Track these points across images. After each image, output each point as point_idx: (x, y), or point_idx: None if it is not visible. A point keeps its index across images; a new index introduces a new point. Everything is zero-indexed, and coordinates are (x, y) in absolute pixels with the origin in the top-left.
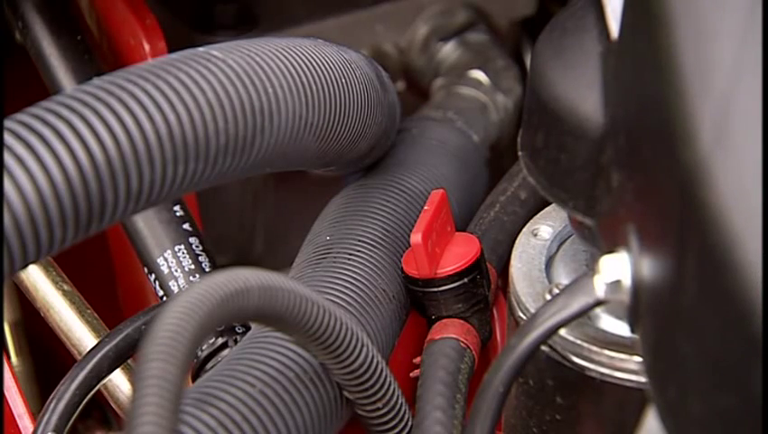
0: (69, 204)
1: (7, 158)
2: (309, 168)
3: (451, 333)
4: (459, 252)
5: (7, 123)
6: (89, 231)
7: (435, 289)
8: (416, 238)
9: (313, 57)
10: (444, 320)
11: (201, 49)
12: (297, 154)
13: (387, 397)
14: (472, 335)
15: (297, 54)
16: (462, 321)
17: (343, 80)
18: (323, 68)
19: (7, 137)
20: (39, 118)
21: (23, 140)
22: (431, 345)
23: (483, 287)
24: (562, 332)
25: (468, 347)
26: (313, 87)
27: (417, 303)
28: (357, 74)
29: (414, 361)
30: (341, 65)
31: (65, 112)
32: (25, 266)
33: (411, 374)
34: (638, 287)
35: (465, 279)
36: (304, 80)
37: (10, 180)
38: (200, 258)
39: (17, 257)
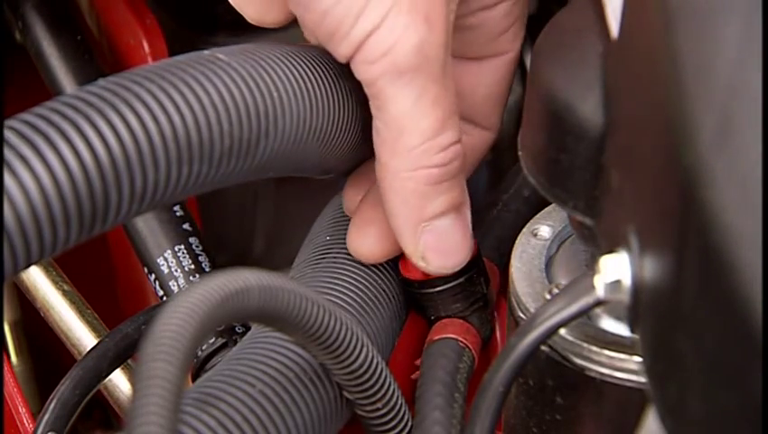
0: (73, 205)
1: (12, 158)
2: (311, 175)
3: (450, 333)
4: None
5: (12, 123)
6: (93, 232)
7: (432, 290)
8: None
9: (317, 61)
10: (443, 320)
11: (205, 52)
12: (300, 158)
13: (386, 397)
14: (471, 335)
15: (302, 59)
16: (461, 320)
17: (347, 85)
18: (326, 72)
19: (12, 137)
20: (44, 119)
21: (28, 140)
22: (430, 346)
23: (481, 286)
24: (562, 332)
25: (467, 347)
26: (317, 91)
27: (416, 304)
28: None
29: (415, 363)
30: (345, 69)
31: (70, 113)
32: (28, 266)
33: (412, 376)
34: (638, 287)
35: (461, 279)
36: (309, 84)
37: (14, 179)
38: (200, 258)
39: (20, 256)
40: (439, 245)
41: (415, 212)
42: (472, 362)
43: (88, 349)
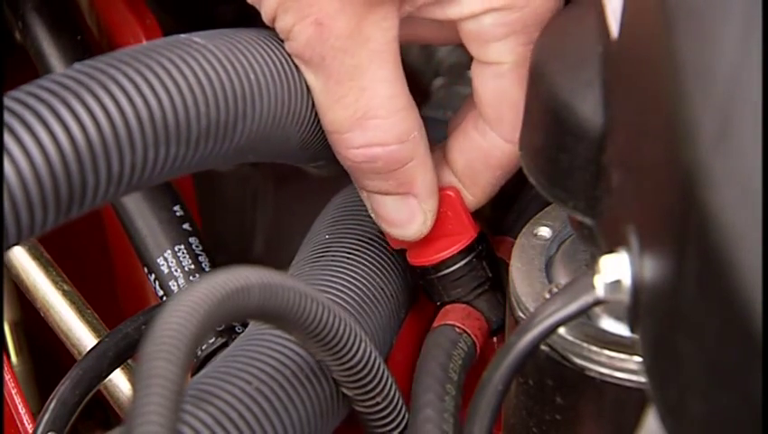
0: (50, 187)
1: None
2: (297, 161)
3: (449, 319)
4: (452, 238)
5: None
6: (70, 214)
7: (432, 276)
8: None
9: None
10: (446, 306)
11: (182, 36)
12: (280, 142)
13: (384, 393)
14: (472, 319)
15: (280, 42)
16: (464, 305)
17: None
18: None
19: None
20: (19, 102)
21: (5, 125)
22: (428, 336)
23: (484, 270)
24: (562, 332)
25: (464, 332)
26: (296, 74)
27: (424, 290)
28: None
29: None
30: None
31: (46, 95)
32: (7, 249)
33: None
34: (638, 287)
35: (460, 264)
36: (287, 66)
37: None
38: (200, 257)
39: None
40: (383, 214)
41: (354, 178)
42: (469, 347)
43: (89, 349)
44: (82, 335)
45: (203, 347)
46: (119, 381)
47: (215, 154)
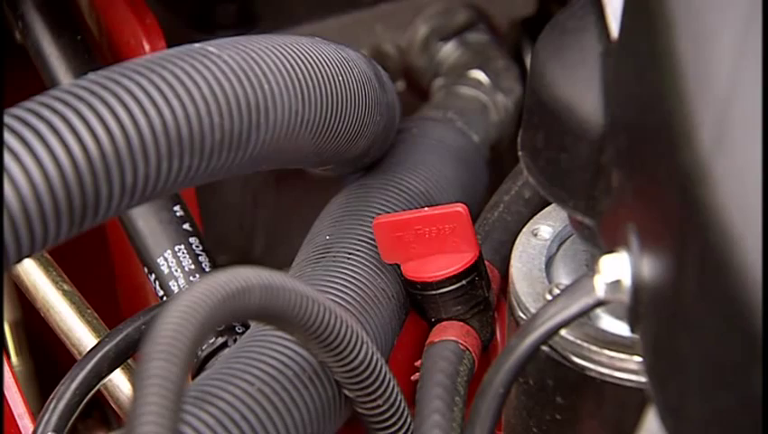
0: (63, 198)
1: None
2: (306, 166)
3: (450, 335)
4: (458, 255)
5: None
6: (84, 226)
7: (433, 292)
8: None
9: (309, 54)
10: (443, 322)
11: (197, 45)
12: (293, 150)
13: (386, 394)
14: (471, 337)
15: (294, 51)
16: (461, 323)
17: (340, 78)
18: (319, 65)
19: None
20: (33, 112)
21: (18, 134)
22: (430, 348)
23: (483, 289)
24: (562, 332)
25: (467, 349)
26: (310, 84)
27: (417, 306)
28: (354, 72)
29: (416, 364)
30: (339, 63)
31: (59, 106)
32: (20, 260)
33: (412, 378)
34: (638, 287)
35: (463, 282)
36: (301, 76)
37: (4, 174)
38: (200, 258)
39: (12, 251)
40: None
41: None
42: (472, 364)
43: (89, 349)
44: (82, 335)
45: (203, 347)
46: (119, 381)
47: (228, 165)
